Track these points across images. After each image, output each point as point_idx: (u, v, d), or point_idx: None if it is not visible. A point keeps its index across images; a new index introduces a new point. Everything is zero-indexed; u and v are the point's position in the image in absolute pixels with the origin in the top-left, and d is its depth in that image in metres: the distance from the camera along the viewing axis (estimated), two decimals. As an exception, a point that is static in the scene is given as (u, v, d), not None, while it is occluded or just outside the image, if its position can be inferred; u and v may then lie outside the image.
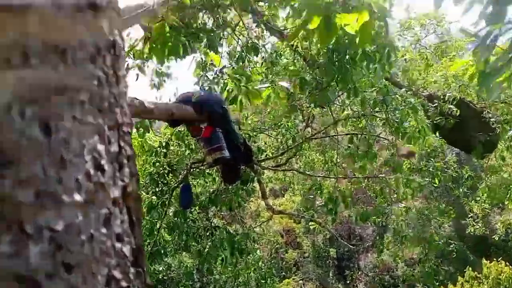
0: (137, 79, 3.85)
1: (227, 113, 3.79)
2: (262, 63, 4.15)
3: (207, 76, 2.95)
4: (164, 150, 4.30)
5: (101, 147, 0.34)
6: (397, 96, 4.00)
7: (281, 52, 4.71)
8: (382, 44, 3.14)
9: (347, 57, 3.14)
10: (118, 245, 0.34)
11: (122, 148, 0.39)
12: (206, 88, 3.00)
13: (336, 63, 3.16)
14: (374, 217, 4.94)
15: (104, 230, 0.33)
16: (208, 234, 4.36)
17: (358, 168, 4.66)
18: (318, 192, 4.91)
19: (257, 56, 3.36)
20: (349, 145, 4.81)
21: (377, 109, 4.26)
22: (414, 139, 3.88)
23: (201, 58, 2.98)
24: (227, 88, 2.67)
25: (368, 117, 4.32)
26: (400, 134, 3.90)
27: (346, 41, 3.06)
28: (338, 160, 5.12)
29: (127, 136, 0.41)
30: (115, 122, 0.38)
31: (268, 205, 4.51)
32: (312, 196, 5.29)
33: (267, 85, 2.78)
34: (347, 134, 4.88)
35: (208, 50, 2.85)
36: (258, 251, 5.85)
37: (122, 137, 0.39)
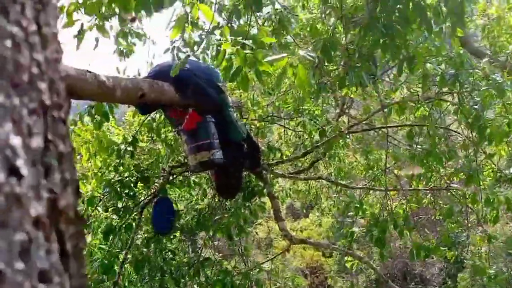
0: (96, 46, 3.88)
1: (224, 94, 3.79)
2: (264, 21, 4.13)
3: (191, 38, 2.94)
4: (131, 148, 4.31)
5: (16, 141, 0.34)
6: (476, 70, 3.96)
7: (304, 4, 4.70)
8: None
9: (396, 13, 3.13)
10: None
11: (51, 142, 0.39)
12: (191, 57, 2.99)
13: (382, 20, 3.14)
14: (442, 249, 4.91)
15: (19, 266, 0.32)
16: (193, 272, 4.37)
17: (417, 176, 4.64)
18: (359, 212, 4.89)
19: (259, 11, 3.33)
20: (405, 142, 4.79)
21: (446, 89, 4.22)
22: (498, 136, 3.83)
23: (185, 11, 2.95)
24: (225, 57, 2.64)
25: (433, 102, 4.28)
26: (479, 128, 3.86)
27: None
28: (388, 165, 5.10)
29: (59, 124, 0.40)
30: (39, 103, 0.37)
31: (284, 231, 4.50)
32: (349, 218, 5.26)
33: (281, 56, 2.76)
34: (401, 126, 4.86)
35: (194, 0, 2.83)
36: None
37: (52, 126, 0.39)
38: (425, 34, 3.45)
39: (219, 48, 2.73)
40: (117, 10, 3.43)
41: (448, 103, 4.44)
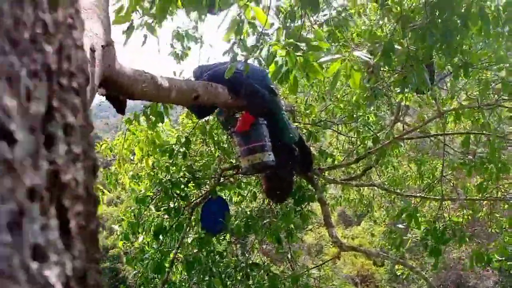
0: (143, 44, 3.93)
1: (277, 98, 3.76)
2: (322, 24, 4.07)
3: (243, 41, 2.91)
4: (183, 149, 4.34)
5: (10, 103, 0.31)
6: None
7: (359, 10, 4.63)
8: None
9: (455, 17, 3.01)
10: (34, 266, 0.31)
11: (57, 111, 0.36)
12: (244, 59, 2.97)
13: (440, 25, 3.03)
14: (498, 259, 4.69)
15: (6, 238, 0.29)
16: (241, 275, 4.35)
17: (475, 186, 4.46)
18: (412, 220, 4.74)
19: (316, 12, 3.27)
20: (463, 150, 4.61)
21: (505, 96, 4.06)
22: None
23: (238, 14, 2.94)
24: (275, 60, 2.61)
25: (492, 109, 4.11)
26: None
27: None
28: (444, 173, 4.93)
29: (69, 94, 0.38)
30: (42, 66, 0.35)
31: (333, 237, 4.41)
32: (402, 226, 5.13)
33: (336, 57, 2.69)
34: (458, 134, 4.68)
35: (248, 2, 2.81)
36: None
37: (59, 94, 0.36)
38: (485, 40, 3.32)
39: (269, 50, 2.70)
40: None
41: (506, 109, 4.25)
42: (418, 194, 5.46)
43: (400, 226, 4.54)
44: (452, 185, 5.15)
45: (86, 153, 0.39)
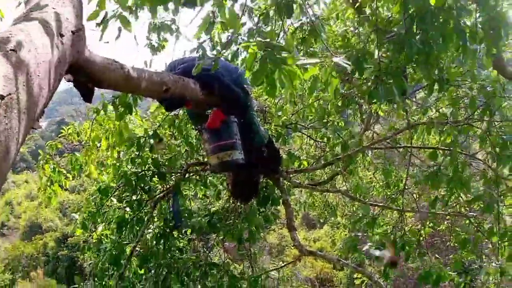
0: (118, 37, 3.83)
1: (249, 97, 3.71)
2: (295, 30, 4.03)
3: (212, 40, 2.85)
4: (151, 142, 4.26)
5: None
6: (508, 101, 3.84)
7: (337, 14, 4.62)
8: (489, 17, 3.00)
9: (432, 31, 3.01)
10: None
11: None
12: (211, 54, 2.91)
13: (418, 36, 3.02)
14: (451, 275, 4.75)
15: None
16: (200, 273, 4.30)
17: (435, 199, 4.50)
18: (371, 227, 4.78)
19: (289, 17, 3.23)
20: (428, 164, 4.64)
21: (475, 115, 4.10)
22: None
23: (211, 12, 2.88)
24: (254, 59, 2.55)
25: (462, 127, 4.14)
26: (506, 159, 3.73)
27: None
28: (408, 186, 4.96)
29: None
30: None
31: (295, 241, 4.39)
32: (362, 234, 5.16)
33: (315, 61, 2.66)
34: (426, 148, 4.71)
35: (225, 1, 2.74)
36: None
37: None
38: (459, 57, 3.33)
39: (247, 51, 2.65)
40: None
41: (476, 130, 4.29)
42: (380, 204, 5.49)
43: (359, 234, 4.56)
44: (414, 197, 5.18)
45: None
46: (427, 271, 4.21)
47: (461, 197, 4.97)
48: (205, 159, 4.24)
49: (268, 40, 2.53)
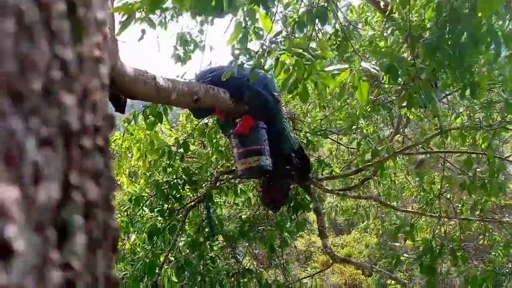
0: (141, 38, 3.84)
1: (279, 103, 3.69)
2: (331, 36, 4.00)
3: (248, 50, 2.83)
4: (181, 151, 4.27)
5: (8, 194, 0.21)
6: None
7: (366, 20, 4.57)
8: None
9: (464, 35, 2.94)
10: None
11: (75, 189, 0.27)
12: (247, 65, 2.90)
13: (450, 41, 2.96)
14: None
15: None
16: (233, 282, 4.27)
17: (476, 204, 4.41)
18: (409, 236, 4.69)
19: (323, 24, 3.20)
20: (459, 168, 4.55)
21: (508, 118, 4.00)
22: None
23: (244, 19, 2.86)
24: (283, 67, 2.53)
25: (495, 130, 4.05)
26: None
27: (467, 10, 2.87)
28: (443, 191, 4.86)
29: (94, 157, 0.29)
30: (59, 127, 0.25)
31: (327, 248, 4.35)
32: (397, 242, 5.07)
33: (344, 66, 2.62)
34: (460, 152, 4.62)
35: (255, 7, 2.72)
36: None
37: (79, 163, 0.27)
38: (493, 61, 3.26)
39: (278, 58, 2.63)
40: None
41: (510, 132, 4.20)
42: (415, 210, 5.40)
43: (396, 244, 4.49)
44: (450, 201, 5.08)
45: (107, 230, 0.31)
46: (474, 276, 4.10)
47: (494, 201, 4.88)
48: (235, 167, 4.22)
49: (299, 49, 2.51)
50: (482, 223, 5.66)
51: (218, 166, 4.65)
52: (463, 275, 4.19)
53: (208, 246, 4.39)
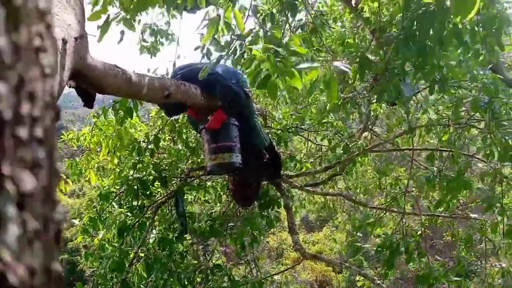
0: (121, 40, 3.81)
1: (251, 99, 3.69)
2: (300, 28, 4.01)
3: (217, 40, 2.82)
4: (152, 147, 4.23)
5: None
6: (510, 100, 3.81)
7: (336, 15, 4.59)
8: (489, 15, 2.98)
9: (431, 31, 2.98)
10: None
11: (8, 179, 0.26)
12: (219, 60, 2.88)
13: (417, 38, 3.00)
14: (450, 277, 4.71)
15: None
16: (202, 277, 4.27)
17: (440, 202, 4.48)
18: (372, 230, 4.77)
19: (294, 17, 3.22)
20: (427, 166, 4.62)
21: (476, 116, 4.07)
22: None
23: (218, 14, 2.85)
24: (254, 63, 2.53)
25: (463, 127, 4.12)
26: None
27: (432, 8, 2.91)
28: (409, 188, 4.93)
29: (31, 148, 0.28)
30: None
31: (297, 244, 4.37)
32: (362, 236, 5.13)
33: (315, 65, 2.64)
34: (427, 149, 4.68)
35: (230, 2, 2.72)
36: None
37: (12, 153, 0.27)
38: (461, 58, 3.32)
39: (250, 51, 2.63)
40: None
41: (478, 131, 4.27)
42: (380, 205, 5.47)
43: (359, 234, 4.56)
44: (415, 199, 5.15)
45: (47, 223, 0.30)
46: (426, 273, 4.18)
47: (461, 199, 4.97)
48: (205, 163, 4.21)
49: (271, 45, 2.51)
50: (446, 220, 5.77)
51: (189, 163, 4.62)
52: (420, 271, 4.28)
53: (179, 243, 4.36)
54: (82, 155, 4.73)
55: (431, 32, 2.97)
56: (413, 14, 2.99)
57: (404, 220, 4.67)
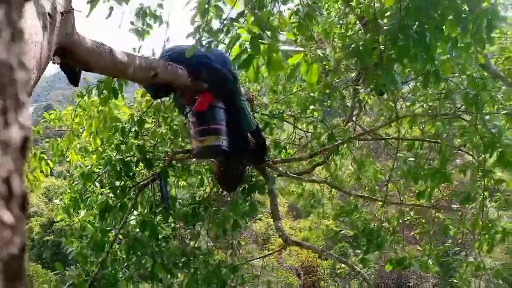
0: (109, 16, 3.79)
1: (238, 83, 3.70)
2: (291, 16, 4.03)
3: (208, 25, 2.82)
4: (136, 128, 4.23)
5: None
6: (496, 93, 3.88)
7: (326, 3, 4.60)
8: (480, 10, 3.00)
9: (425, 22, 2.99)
10: None
11: None
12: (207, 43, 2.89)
13: (413, 29, 3.01)
14: (422, 262, 4.82)
15: None
16: (184, 261, 4.30)
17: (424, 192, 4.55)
18: (351, 216, 4.85)
19: (284, 3, 3.23)
20: (410, 156, 4.67)
21: (462, 108, 4.12)
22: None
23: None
24: (237, 44, 2.54)
25: (450, 119, 4.17)
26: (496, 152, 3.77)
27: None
28: (393, 177, 4.98)
29: None
30: None
31: (279, 230, 4.41)
32: (344, 223, 5.20)
33: (299, 49, 2.67)
34: (414, 139, 4.73)
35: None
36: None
37: None
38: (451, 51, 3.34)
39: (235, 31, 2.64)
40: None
41: (465, 122, 4.33)
42: (363, 194, 5.54)
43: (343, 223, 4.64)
44: (397, 189, 5.22)
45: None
46: (393, 258, 4.28)
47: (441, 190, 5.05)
48: (190, 147, 4.22)
49: (256, 28, 2.53)
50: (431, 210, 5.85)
51: (173, 145, 4.63)
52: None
53: (160, 225, 4.39)
54: (63, 136, 4.72)
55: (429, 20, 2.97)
56: (408, 4, 3.00)
57: (384, 208, 4.73)
